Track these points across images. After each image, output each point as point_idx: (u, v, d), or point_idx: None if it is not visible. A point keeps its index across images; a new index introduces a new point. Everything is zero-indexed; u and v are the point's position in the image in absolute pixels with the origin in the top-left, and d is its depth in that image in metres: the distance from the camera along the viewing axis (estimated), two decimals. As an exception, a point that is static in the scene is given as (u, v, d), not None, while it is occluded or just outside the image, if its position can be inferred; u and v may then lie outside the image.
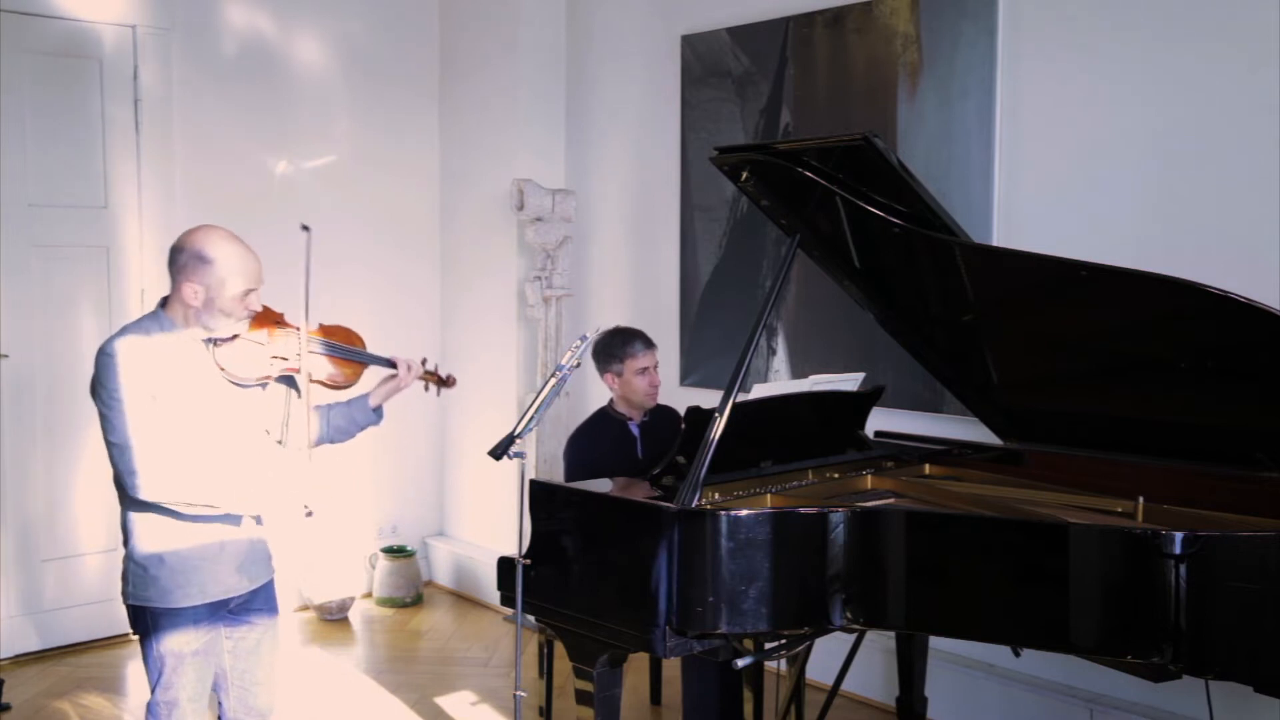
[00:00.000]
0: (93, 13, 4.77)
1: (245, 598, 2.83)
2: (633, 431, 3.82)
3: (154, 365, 2.62)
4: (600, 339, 3.87)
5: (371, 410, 3.00)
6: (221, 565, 2.74)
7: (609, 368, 3.80)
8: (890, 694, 3.92)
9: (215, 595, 2.74)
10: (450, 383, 3.14)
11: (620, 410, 3.85)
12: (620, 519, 2.86)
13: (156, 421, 2.59)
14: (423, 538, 5.90)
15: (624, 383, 3.78)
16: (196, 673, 2.75)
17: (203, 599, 2.72)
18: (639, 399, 3.79)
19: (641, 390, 3.78)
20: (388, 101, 5.65)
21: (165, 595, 2.69)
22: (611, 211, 5.32)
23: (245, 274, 2.67)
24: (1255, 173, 3.31)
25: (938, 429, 3.89)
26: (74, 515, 4.83)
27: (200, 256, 2.63)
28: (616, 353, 3.78)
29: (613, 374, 3.80)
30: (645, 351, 3.78)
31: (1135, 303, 2.76)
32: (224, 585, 2.76)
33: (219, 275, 2.63)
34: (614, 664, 2.94)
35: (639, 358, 3.76)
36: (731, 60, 4.69)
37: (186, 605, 2.70)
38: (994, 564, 2.58)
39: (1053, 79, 3.73)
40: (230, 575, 2.76)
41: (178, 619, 2.71)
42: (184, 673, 2.73)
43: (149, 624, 2.72)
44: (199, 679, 2.76)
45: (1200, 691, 3.07)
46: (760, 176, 3.09)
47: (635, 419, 3.84)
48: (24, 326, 4.68)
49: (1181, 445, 2.96)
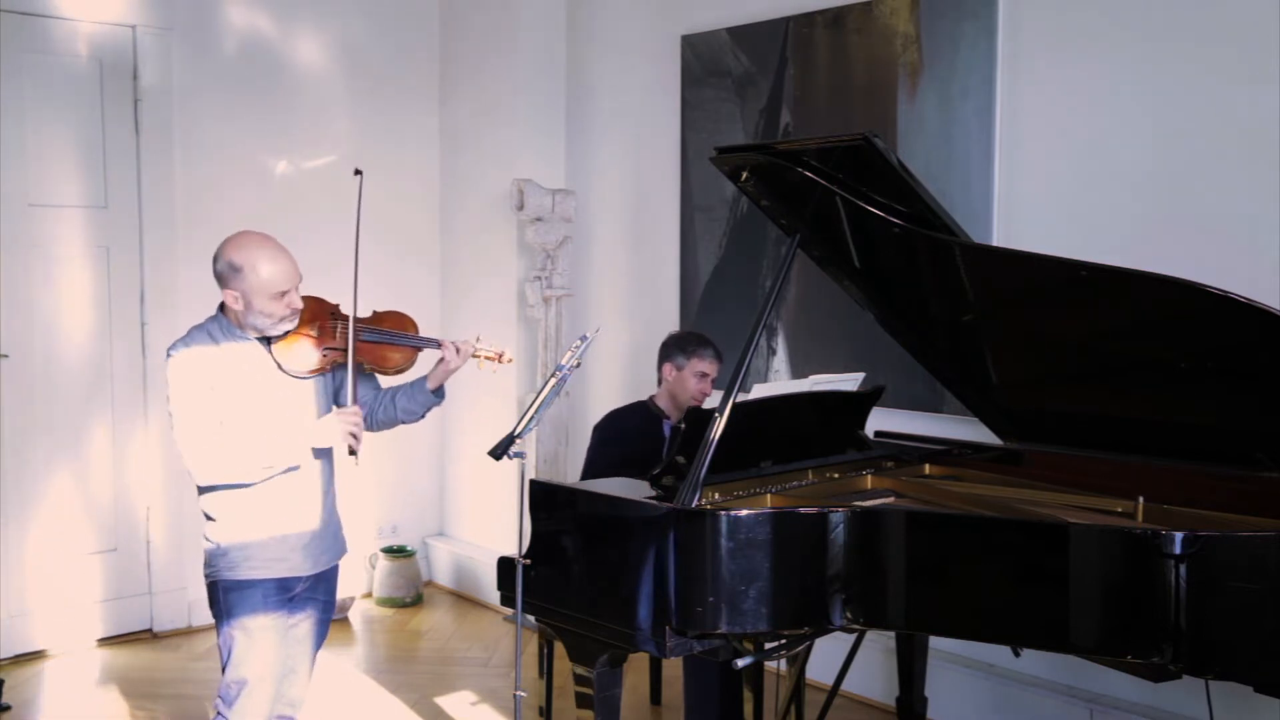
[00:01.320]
0: (93, 13, 4.77)
1: (310, 582, 2.93)
2: (664, 431, 3.85)
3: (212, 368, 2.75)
4: (677, 332, 4.01)
5: (430, 392, 3.05)
6: (285, 545, 2.85)
7: (672, 358, 3.85)
8: (890, 694, 3.92)
9: (283, 573, 2.85)
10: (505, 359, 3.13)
11: (660, 405, 3.88)
12: (620, 519, 2.86)
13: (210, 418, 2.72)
14: (423, 538, 5.90)
15: (680, 378, 3.83)
16: (266, 652, 2.83)
17: (271, 574, 2.83)
18: (685, 399, 3.83)
19: (692, 390, 3.82)
20: (388, 101, 5.65)
21: (235, 567, 2.81)
22: (611, 211, 5.32)
23: (277, 277, 2.76)
24: (1255, 172, 3.31)
25: (938, 429, 3.89)
26: (74, 515, 4.83)
27: (231, 265, 2.75)
28: (688, 348, 3.83)
29: (673, 364, 3.84)
30: (713, 359, 3.84)
31: (1135, 303, 2.76)
32: (291, 563, 2.86)
33: (250, 281, 2.74)
34: (614, 664, 2.93)
35: (705, 361, 3.82)
36: (731, 60, 4.69)
37: (253, 578, 2.81)
38: (994, 564, 2.58)
39: (1053, 79, 3.74)
40: (294, 554, 2.87)
41: (247, 594, 2.81)
42: (255, 651, 2.81)
43: (222, 601, 2.83)
44: (269, 659, 2.84)
45: (1200, 691, 3.07)
46: (760, 176, 3.09)
47: (671, 419, 3.86)
48: (24, 326, 4.68)
49: (1181, 445, 2.96)
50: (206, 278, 2.91)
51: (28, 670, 4.60)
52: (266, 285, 2.75)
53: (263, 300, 2.75)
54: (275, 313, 2.78)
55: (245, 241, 2.78)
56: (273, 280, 2.75)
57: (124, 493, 4.93)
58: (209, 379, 2.74)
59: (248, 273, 2.73)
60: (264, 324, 2.79)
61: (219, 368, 2.76)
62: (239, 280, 2.74)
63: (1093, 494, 3.01)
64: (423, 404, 3.06)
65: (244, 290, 2.74)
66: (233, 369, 2.78)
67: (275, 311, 2.78)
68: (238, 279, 2.74)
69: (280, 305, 2.78)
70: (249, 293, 2.74)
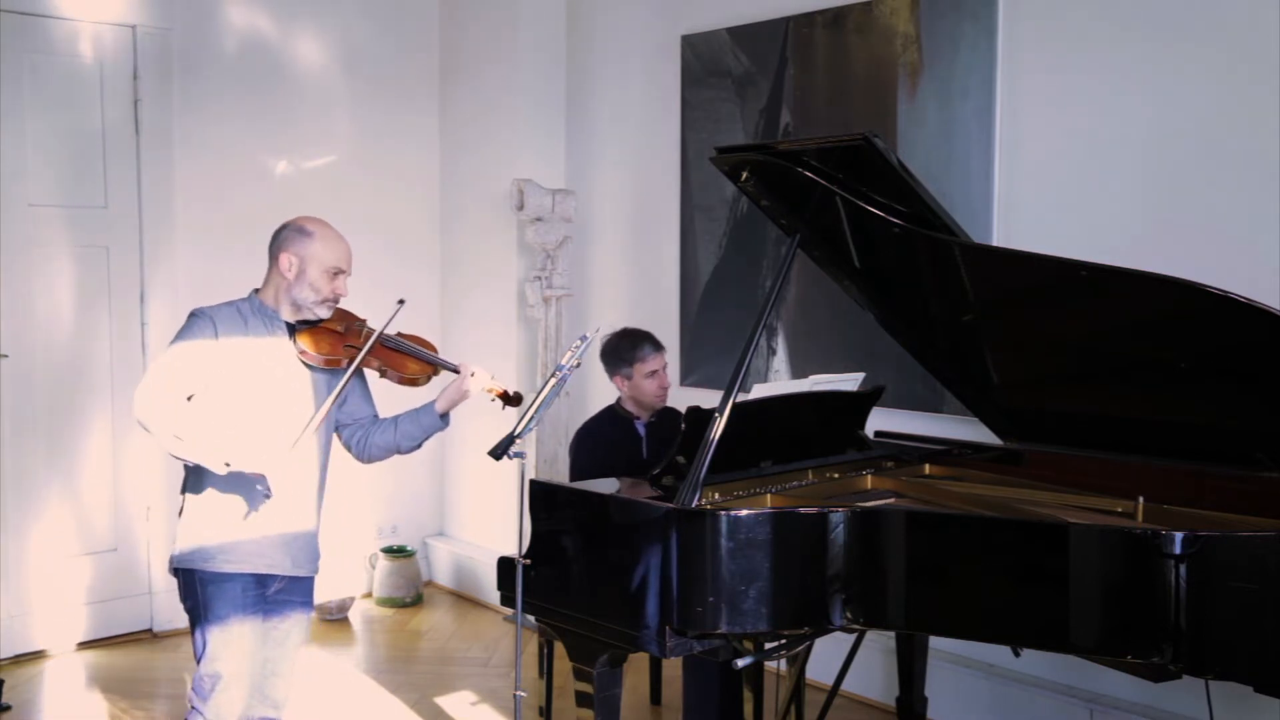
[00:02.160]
0: (93, 13, 4.77)
1: (287, 584, 2.92)
2: (639, 431, 3.83)
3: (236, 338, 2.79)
4: (608, 342, 3.88)
5: (439, 416, 3.04)
6: (268, 543, 2.85)
7: (618, 370, 3.81)
8: (890, 694, 3.92)
9: (261, 568, 2.84)
10: (516, 400, 3.15)
11: (628, 409, 3.86)
12: (620, 519, 2.86)
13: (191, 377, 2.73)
14: (423, 538, 5.90)
15: (633, 385, 3.79)
16: (241, 649, 2.83)
17: (250, 568, 2.82)
18: (649, 401, 3.81)
19: (651, 392, 3.79)
20: (388, 101, 5.64)
21: (213, 559, 2.80)
22: (611, 211, 5.32)
23: (338, 252, 2.88)
24: (1255, 172, 3.31)
25: (938, 429, 3.89)
26: (74, 515, 4.83)
27: (301, 230, 2.86)
28: (626, 356, 3.78)
29: (622, 377, 3.81)
30: (654, 354, 3.79)
31: (1135, 303, 2.76)
32: (270, 559, 2.86)
33: (314, 248, 2.83)
34: (614, 664, 2.94)
35: (648, 361, 3.78)
36: (731, 60, 4.69)
37: (231, 571, 2.80)
38: (994, 564, 2.58)
39: (1053, 79, 3.73)
40: (278, 553, 2.87)
41: (225, 587, 2.80)
42: (230, 645, 2.81)
43: (198, 592, 2.82)
44: (243, 656, 2.83)
45: (1200, 691, 3.07)
46: (760, 176, 3.09)
47: (642, 418, 3.85)
48: (24, 326, 4.68)
49: (1181, 445, 2.96)
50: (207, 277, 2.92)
51: (28, 670, 4.60)
52: (327, 257, 2.84)
53: (317, 272, 2.83)
54: (322, 290, 2.84)
55: (317, 219, 2.90)
56: (336, 255, 2.85)
57: (123, 493, 4.93)
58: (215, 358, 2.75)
59: (316, 239, 2.83)
60: (306, 298, 2.84)
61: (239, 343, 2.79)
62: (305, 244, 2.82)
63: (1093, 494, 3.01)
64: (427, 428, 3.06)
65: (304, 255, 2.82)
66: (250, 351, 2.80)
67: (323, 289, 2.84)
68: (304, 243, 2.83)
69: (329, 285, 2.85)
70: (308, 259, 2.82)
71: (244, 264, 3.85)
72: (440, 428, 3.07)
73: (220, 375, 2.77)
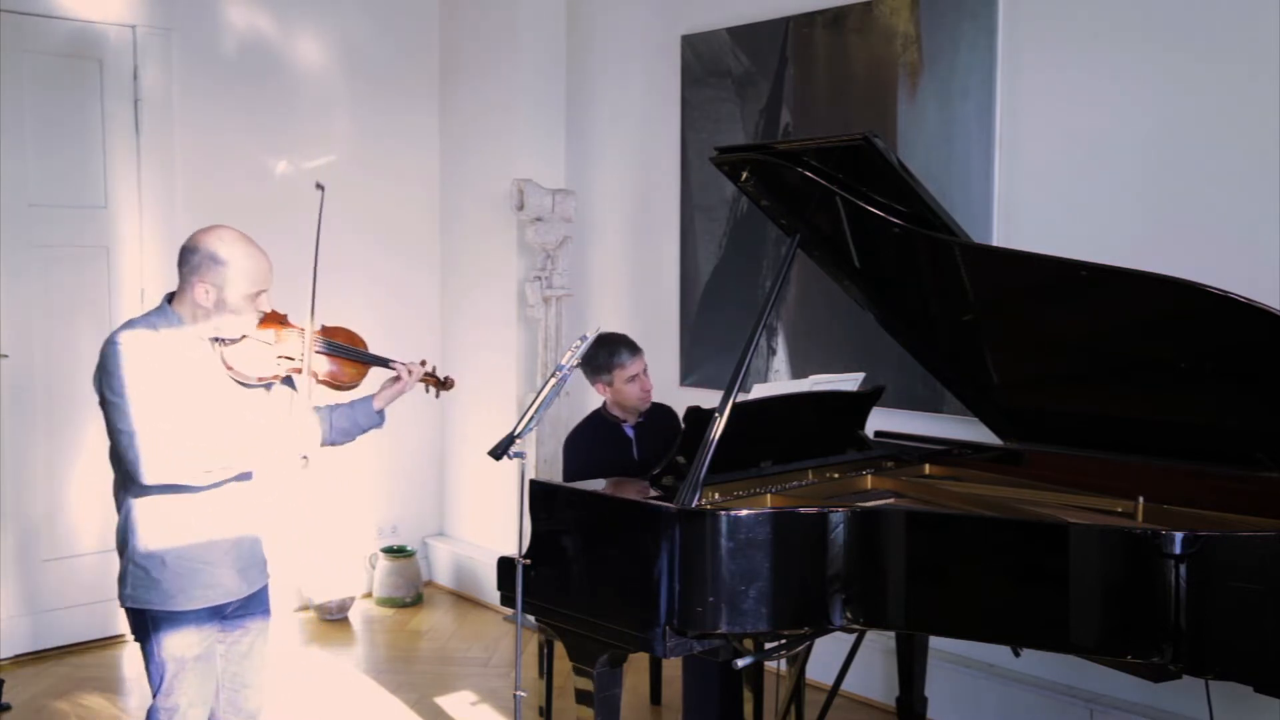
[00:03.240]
0: (93, 13, 4.77)
1: (242, 602, 2.82)
2: (628, 434, 3.83)
3: (159, 359, 2.62)
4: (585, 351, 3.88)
5: (375, 412, 2.99)
6: (222, 568, 2.73)
7: (598, 378, 3.80)
8: (890, 694, 3.92)
9: (216, 599, 2.73)
10: (449, 385, 3.14)
11: (614, 413, 3.85)
12: (620, 519, 2.86)
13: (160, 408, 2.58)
14: (423, 538, 5.90)
15: (615, 391, 3.79)
16: (198, 678, 2.74)
17: (204, 603, 2.71)
18: (632, 404, 3.80)
19: (634, 397, 3.78)
20: (388, 101, 5.65)
21: (167, 599, 2.68)
22: (611, 211, 5.32)
23: (257, 276, 2.67)
24: (1255, 172, 3.30)
25: (938, 429, 3.89)
26: (74, 515, 4.83)
27: (214, 258, 2.63)
28: (604, 363, 3.77)
29: (603, 384, 3.80)
30: (633, 359, 3.78)
31: (1135, 303, 2.76)
32: (225, 588, 2.75)
33: (231, 276, 2.63)
34: (614, 664, 2.94)
35: (627, 366, 3.76)
36: (731, 60, 4.69)
37: (189, 609, 2.69)
38: (994, 564, 2.58)
39: (1053, 79, 3.73)
40: (231, 578, 2.76)
41: (180, 622, 2.69)
42: (186, 678, 2.71)
43: (150, 628, 2.70)
44: (201, 684, 2.75)
45: (1200, 691, 3.07)
46: (760, 176, 3.09)
47: (630, 421, 3.84)
48: (24, 326, 4.68)
49: (1181, 445, 2.96)
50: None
51: (28, 670, 4.60)
52: (247, 284, 2.65)
53: (237, 298, 2.65)
54: (244, 313, 2.67)
55: (228, 236, 2.67)
56: (255, 279, 2.66)
57: (124, 493, 4.93)
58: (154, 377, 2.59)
59: (230, 267, 2.63)
60: (227, 323, 2.67)
61: (165, 364, 2.61)
62: (218, 274, 2.62)
63: (1093, 494, 3.01)
64: (364, 424, 2.98)
65: (221, 284, 2.63)
66: (179, 367, 2.63)
67: (245, 311, 2.67)
68: (217, 272, 2.62)
69: (251, 307, 2.68)
70: (225, 288, 2.63)
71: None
72: (376, 424, 3.01)
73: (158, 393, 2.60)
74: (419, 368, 3.00)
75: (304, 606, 5.41)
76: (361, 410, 2.98)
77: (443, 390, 3.12)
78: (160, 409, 2.58)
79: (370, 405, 2.98)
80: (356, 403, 2.99)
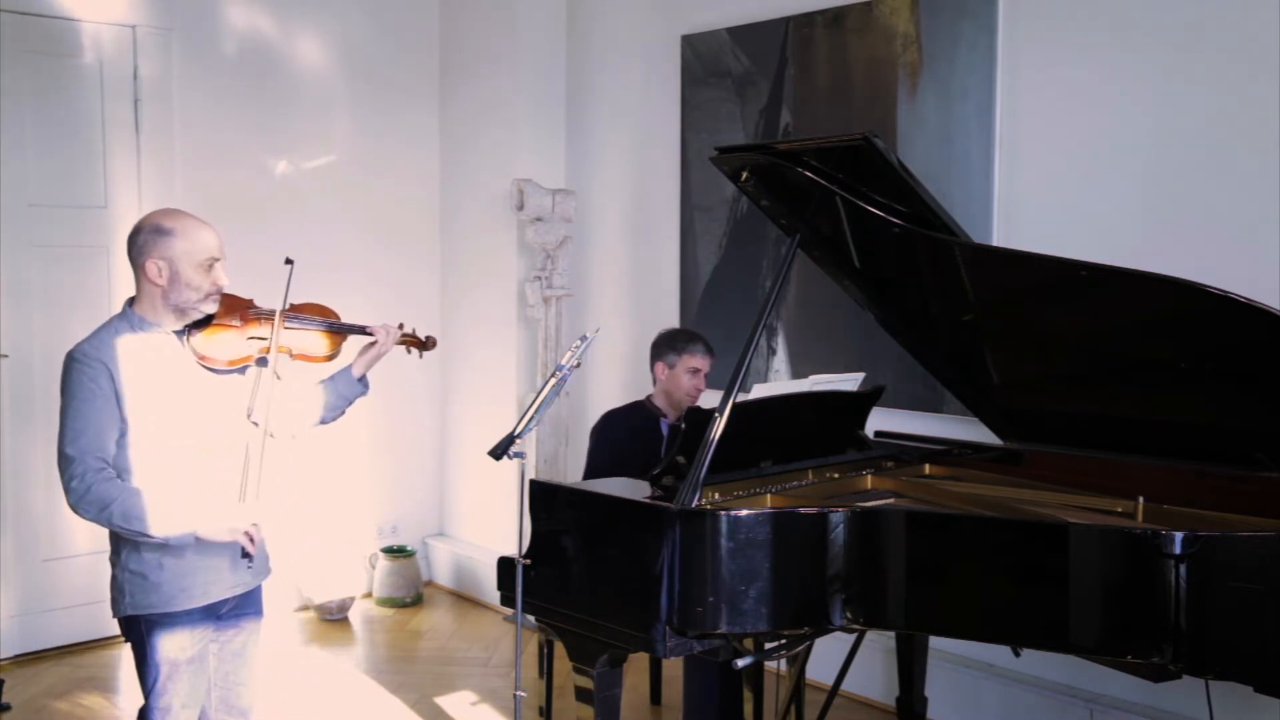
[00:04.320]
0: (93, 13, 4.77)
1: (236, 601, 2.80)
2: (662, 429, 3.85)
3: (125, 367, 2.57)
4: (667, 330, 3.96)
5: (356, 380, 2.94)
6: (224, 562, 2.71)
7: (663, 357, 3.84)
8: (890, 694, 3.92)
9: (217, 595, 2.72)
10: (430, 344, 3.06)
11: (657, 404, 3.87)
12: (620, 519, 2.86)
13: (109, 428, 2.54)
14: (423, 538, 5.90)
15: (672, 376, 3.81)
16: (191, 680, 2.73)
17: (205, 600, 2.70)
18: (680, 396, 3.83)
19: (686, 388, 3.81)
20: (388, 101, 5.65)
21: (169, 600, 2.65)
22: (611, 211, 5.32)
23: (206, 242, 2.61)
24: (1255, 172, 3.31)
25: (938, 429, 3.89)
26: (73, 515, 4.80)
27: (158, 229, 2.59)
28: (678, 345, 3.82)
29: (665, 364, 3.83)
30: (704, 355, 3.83)
31: (1135, 303, 2.76)
32: (226, 583, 2.73)
33: (179, 246, 2.57)
34: (614, 664, 2.93)
35: (696, 357, 3.81)
36: (731, 60, 4.69)
37: (187, 608, 2.68)
38: (994, 564, 2.58)
39: (1053, 79, 3.73)
40: (230, 572, 2.73)
41: (174, 624, 2.68)
42: (179, 680, 2.70)
43: (144, 632, 2.68)
44: (193, 686, 2.74)
45: (1200, 691, 3.07)
46: (760, 176, 3.09)
47: (669, 417, 3.86)
48: (24, 326, 4.68)
49: (1181, 445, 2.96)
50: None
51: (28, 670, 4.60)
52: (197, 250, 2.58)
53: (190, 269, 2.57)
54: (202, 286, 2.60)
55: (169, 210, 2.66)
56: (204, 245, 2.59)
57: (124, 493, 4.93)
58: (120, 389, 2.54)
59: (178, 237, 2.57)
60: (188, 299, 2.59)
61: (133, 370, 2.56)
62: (166, 245, 2.56)
63: (1093, 494, 3.01)
64: (347, 395, 2.93)
65: (171, 257, 2.56)
66: (148, 370, 2.59)
67: (202, 285, 2.60)
68: (165, 243, 2.56)
69: (208, 278, 2.61)
70: (176, 259, 2.56)
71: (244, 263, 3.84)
72: (362, 393, 2.96)
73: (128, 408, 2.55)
74: (395, 329, 2.94)
75: (304, 606, 5.41)
76: (343, 381, 2.93)
77: (425, 350, 3.05)
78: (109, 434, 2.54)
79: (350, 374, 2.93)
80: (337, 375, 2.94)
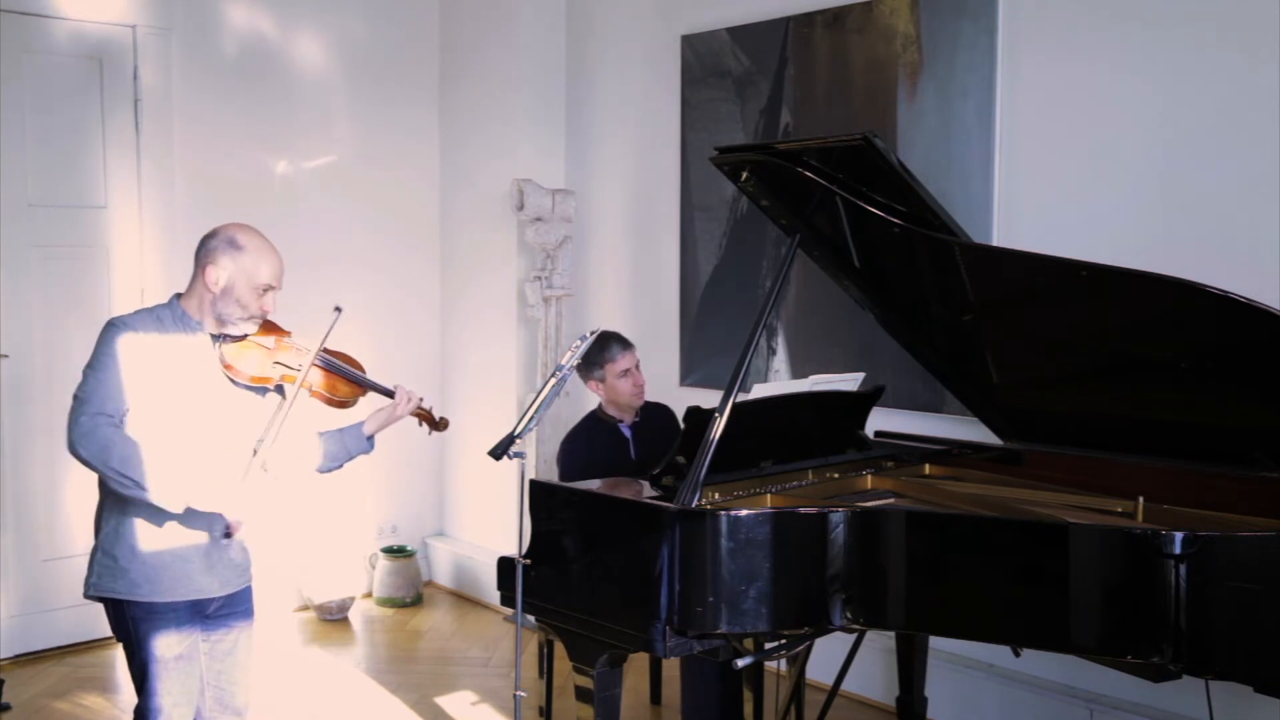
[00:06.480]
0: (93, 13, 4.77)
1: (223, 602, 2.81)
2: (624, 433, 3.83)
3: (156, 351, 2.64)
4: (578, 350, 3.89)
5: (365, 438, 2.97)
6: (193, 565, 2.72)
7: (591, 375, 3.80)
8: (890, 694, 3.92)
9: (185, 595, 2.71)
10: (443, 426, 3.08)
11: (610, 413, 3.85)
12: (620, 519, 2.86)
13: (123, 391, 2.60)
14: (423, 538, 5.90)
15: (608, 388, 3.78)
16: (181, 679, 2.73)
17: (172, 596, 2.69)
18: (625, 400, 3.80)
19: (627, 392, 3.78)
20: (388, 101, 5.65)
21: (134, 588, 2.67)
22: (611, 211, 5.32)
23: (271, 268, 2.71)
24: (1255, 172, 3.31)
25: (938, 429, 3.89)
26: (73, 515, 4.82)
27: (232, 242, 2.68)
28: (595, 359, 3.76)
29: (596, 380, 3.80)
30: (624, 354, 3.78)
31: (1135, 303, 2.76)
32: (196, 586, 2.73)
33: (246, 264, 2.67)
34: (614, 664, 2.94)
35: (618, 361, 3.76)
36: (731, 60, 4.69)
37: (159, 600, 2.68)
38: (994, 564, 2.58)
39: (1053, 79, 3.73)
40: (203, 577, 2.74)
41: (158, 620, 2.68)
42: (169, 679, 2.71)
43: (129, 625, 2.70)
44: (184, 686, 2.74)
45: (1200, 691, 3.07)
46: (760, 177, 3.09)
47: (626, 420, 3.84)
48: (24, 326, 4.68)
49: (1181, 445, 2.96)
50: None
51: (28, 670, 4.60)
52: (259, 274, 2.68)
53: (246, 288, 2.67)
54: (250, 307, 2.69)
55: (251, 230, 2.73)
56: (267, 272, 2.69)
57: (124, 493, 4.93)
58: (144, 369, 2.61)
59: (248, 254, 2.67)
60: (232, 314, 2.68)
61: (162, 357, 2.63)
62: (234, 258, 2.66)
63: (1093, 494, 3.01)
64: (352, 450, 2.96)
65: (234, 270, 2.66)
66: (176, 362, 2.65)
67: (250, 306, 2.69)
68: (233, 256, 2.66)
69: (258, 301, 2.70)
70: (236, 275, 2.66)
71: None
72: (366, 450, 2.99)
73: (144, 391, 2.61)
74: (416, 399, 2.97)
75: (304, 606, 5.41)
76: (351, 435, 2.97)
77: (435, 430, 3.07)
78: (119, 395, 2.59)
79: (360, 431, 2.96)
80: (346, 429, 2.98)
